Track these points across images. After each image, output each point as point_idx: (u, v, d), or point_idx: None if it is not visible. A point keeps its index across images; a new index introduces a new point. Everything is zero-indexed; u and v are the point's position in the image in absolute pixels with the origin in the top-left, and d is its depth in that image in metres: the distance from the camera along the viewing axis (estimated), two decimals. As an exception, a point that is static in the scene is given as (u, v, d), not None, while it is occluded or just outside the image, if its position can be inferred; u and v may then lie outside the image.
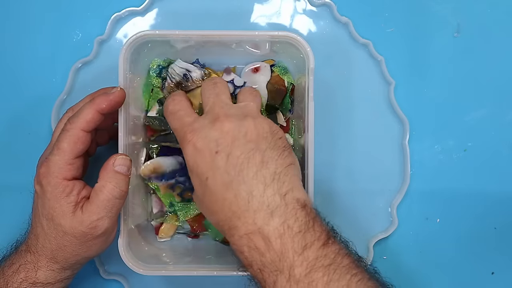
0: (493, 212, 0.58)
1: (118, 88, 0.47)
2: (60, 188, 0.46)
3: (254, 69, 0.54)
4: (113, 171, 0.46)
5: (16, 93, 0.57)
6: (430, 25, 0.58)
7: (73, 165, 0.46)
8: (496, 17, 0.58)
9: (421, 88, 0.58)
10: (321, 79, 0.54)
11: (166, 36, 0.50)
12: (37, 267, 0.47)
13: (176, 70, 0.53)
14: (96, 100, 0.46)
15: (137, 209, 0.53)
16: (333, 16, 0.58)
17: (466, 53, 0.58)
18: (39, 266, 0.47)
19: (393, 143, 0.58)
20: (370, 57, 0.58)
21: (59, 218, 0.46)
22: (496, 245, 0.58)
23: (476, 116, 0.58)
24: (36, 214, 0.48)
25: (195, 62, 0.55)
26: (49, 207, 0.46)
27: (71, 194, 0.46)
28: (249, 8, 0.58)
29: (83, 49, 0.57)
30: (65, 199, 0.46)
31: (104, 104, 0.46)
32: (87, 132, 0.46)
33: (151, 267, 0.50)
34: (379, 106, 0.58)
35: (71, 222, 0.46)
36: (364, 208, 0.57)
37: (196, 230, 0.55)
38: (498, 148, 0.58)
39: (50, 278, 0.48)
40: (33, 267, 0.47)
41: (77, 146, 0.46)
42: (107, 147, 0.55)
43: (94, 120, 0.46)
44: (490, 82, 0.58)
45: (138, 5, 0.57)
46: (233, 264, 0.51)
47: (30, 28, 0.57)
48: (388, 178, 0.58)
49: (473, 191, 0.54)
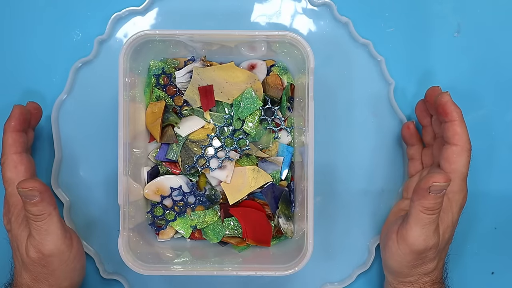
0: (493, 212, 0.58)
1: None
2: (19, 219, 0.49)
3: (250, 66, 0.55)
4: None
5: (16, 93, 0.57)
6: (430, 25, 0.58)
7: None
8: (496, 17, 0.58)
9: (421, 88, 0.58)
10: (321, 79, 0.55)
11: (166, 36, 0.50)
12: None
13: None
14: (6, 123, 0.50)
15: (137, 210, 0.53)
16: (333, 16, 0.58)
17: (466, 53, 0.58)
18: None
19: (393, 143, 0.58)
20: (370, 57, 0.57)
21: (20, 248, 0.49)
22: (496, 245, 0.58)
23: (476, 116, 0.58)
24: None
25: (190, 59, 0.55)
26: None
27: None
28: (249, 8, 0.58)
29: (83, 49, 0.57)
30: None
31: (13, 121, 0.50)
32: (20, 153, 0.50)
33: (151, 267, 0.50)
34: (379, 106, 0.58)
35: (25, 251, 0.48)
36: (364, 208, 0.57)
37: (195, 238, 0.56)
38: (498, 148, 0.58)
39: None
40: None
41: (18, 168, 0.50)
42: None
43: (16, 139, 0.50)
44: (490, 82, 0.58)
45: (138, 5, 0.57)
46: (233, 264, 0.51)
47: (30, 27, 0.57)
48: (388, 178, 0.58)
49: (473, 191, 0.54)
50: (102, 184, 0.56)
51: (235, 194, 0.54)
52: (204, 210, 0.55)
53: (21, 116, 0.51)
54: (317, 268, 0.57)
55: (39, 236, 0.47)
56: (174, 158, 0.54)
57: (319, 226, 0.54)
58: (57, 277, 0.48)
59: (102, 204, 0.57)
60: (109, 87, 0.56)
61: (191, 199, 0.55)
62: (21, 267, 0.49)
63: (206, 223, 0.54)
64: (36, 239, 0.47)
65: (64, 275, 0.49)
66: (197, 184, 0.55)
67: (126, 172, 0.50)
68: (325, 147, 0.57)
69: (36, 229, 0.47)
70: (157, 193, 0.54)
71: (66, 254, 0.48)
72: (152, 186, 0.54)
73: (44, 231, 0.47)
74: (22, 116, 0.51)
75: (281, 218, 0.54)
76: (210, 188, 0.56)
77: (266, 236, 0.54)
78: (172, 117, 0.54)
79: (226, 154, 0.54)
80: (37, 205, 0.46)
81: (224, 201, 0.55)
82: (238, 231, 0.54)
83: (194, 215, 0.54)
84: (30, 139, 0.53)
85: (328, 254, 0.57)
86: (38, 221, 0.47)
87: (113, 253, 0.52)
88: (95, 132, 0.57)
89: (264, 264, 0.51)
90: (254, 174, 0.54)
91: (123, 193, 0.49)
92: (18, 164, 0.50)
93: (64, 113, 0.57)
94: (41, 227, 0.47)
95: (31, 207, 0.46)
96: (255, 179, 0.54)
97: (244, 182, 0.54)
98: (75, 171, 0.57)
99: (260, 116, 0.54)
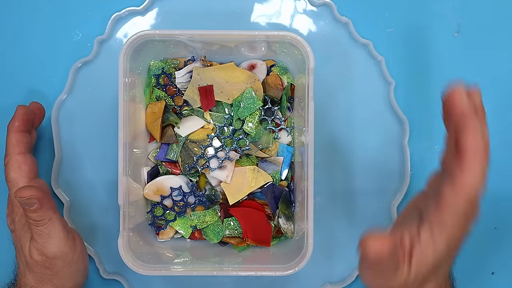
0: (493, 212, 0.58)
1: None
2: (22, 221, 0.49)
3: (250, 66, 0.55)
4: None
5: (16, 93, 0.57)
6: (430, 25, 0.58)
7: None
8: (496, 17, 0.58)
9: (421, 88, 0.58)
10: (321, 79, 0.54)
11: (166, 36, 0.50)
12: None
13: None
14: (10, 123, 0.50)
15: (137, 210, 0.53)
16: (333, 16, 0.57)
17: (466, 53, 0.58)
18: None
19: (393, 143, 0.58)
20: (370, 57, 0.57)
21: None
22: (496, 245, 0.58)
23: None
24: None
25: (190, 59, 0.55)
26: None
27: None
28: (249, 8, 0.58)
29: (83, 49, 0.57)
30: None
31: (17, 122, 0.50)
32: (23, 153, 0.50)
33: (151, 267, 0.50)
34: (379, 106, 0.58)
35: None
36: (364, 208, 0.57)
37: (195, 238, 0.56)
38: (498, 148, 0.58)
39: None
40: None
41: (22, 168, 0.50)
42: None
43: (20, 139, 0.50)
44: (490, 82, 0.58)
45: (138, 5, 0.57)
46: (233, 264, 0.51)
47: (30, 28, 0.57)
48: (388, 178, 0.58)
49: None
50: (102, 184, 0.56)
51: (235, 194, 0.54)
52: (204, 210, 0.55)
53: (24, 117, 0.51)
54: (317, 268, 0.57)
55: (41, 240, 0.47)
56: (174, 158, 0.54)
57: (319, 226, 0.54)
58: (61, 278, 0.48)
59: (102, 204, 0.57)
60: (109, 87, 0.56)
61: (191, 199, 0.55)
62: (25, 268, 0.49)
63: (206, 223, 0.54)
64: (39, 243, 0.47)
65: (68, 276, 0.49)
66: (197, 184, 0.55)
67: (126, 172, 0.50)
68: (325, 147, 0.57)
69: (38, 233, 0.47)
70: (157, 193, 0.54)
71: (69, 256, 0.48)
72: (152, 186, 0.54)
73: (46, 235, 0.47)
74: (25, 117, 0.51)
75: (281, 218, 0.54)
76: (210, 188, 0.56)
77: (266, 236, 0.54)
78: (172, 117, 0.54)
79: (226, 154, 0.54)
80: (37, 211, 0.46)
81: (224, 201, 0.55)
82: (238, 231, 0.54)
83: (194, 215, 0.54)
84: (33, 139, 0.53)
85: (328, 254, 0.57)
86: (39, 226, 0.47)
87: (113, 253, 0.52)
88: (95, 132, 0.57)
89: (264, 264, 0.51)
90: (254, 174, 0.54)
91: (123, 193, 0.50)
92: (22, 165, 0.50)
93: (64, 113, 0.57)
94: (42, 231, 0.47)
95: (31, 214, 0.46)
96: (255, 179, 0.54)
97: (244, 182, 0.54)
98: (75, 171, 0.57)
99: (260, 116, 0.54)
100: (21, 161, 0.50)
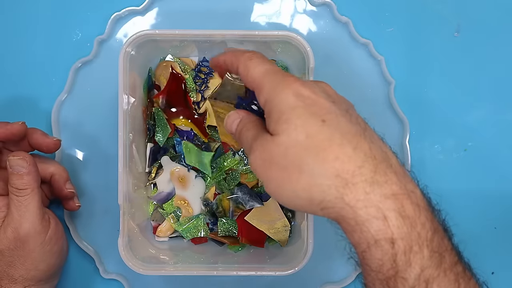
0: (493, 212, 0.58)
1: (20, 122, 0.50)
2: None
3: None
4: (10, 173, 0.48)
5: (16, 93, 0.57)
6: (430, 25, 0.58)
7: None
8: (496, 17, 0.58)
9: (421, 88, 0.58)
10: (321, 78, 0.54)
11: (166, 36, 0.50)
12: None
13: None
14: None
15: (137, 209, 0.53)
16: (333, 16, 0.57)
17: (466, 53, 0.58)
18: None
19: (393, 143, 0.57)
20: (370, 57, 0.57)
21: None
22: (496, 245, 0.58)
23: (476, 116, 0.58)
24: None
25: (204, 61, 0.55)
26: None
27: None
28: (249, 8, 0.58)
29: (83, 49, 0.57)
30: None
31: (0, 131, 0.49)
32: None
33: (151, 267, 0.50)
34: (379, 106, 0.58)
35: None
36: (364, 208, 0.57)
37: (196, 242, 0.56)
38: (499, 147, 0.58)
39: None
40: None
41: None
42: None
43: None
44: (490, 82, 0.58)
45: (138, 5, 0.57)
46: (233, 264, 0.51)
47: (29, 27, 0.57)
48: (388, 178, 0.57)
49: (473, 190, 0.54)
50: (102, 184, 0.56)
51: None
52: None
53: (12, 136, 0.50)
54: (317, 268, 0.57)
55: (18, 212, 0.47)
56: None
57: (319, 226, 0.54)
58: (33, 259, 0.48)
59: (102, 204, 0.57)
60: (109, 87, 0.56)
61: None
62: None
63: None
64: (15, 216, 0.47)
65: (41, 257, 0.49)
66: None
67: (126, 172, 0.50)
68: (325, 147, 0.57)
69: (17, 204, 0.47)
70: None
71: (42, 235, 0.48)
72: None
73: (24, 207, 0.47)
74: (11, 136, 0.50)
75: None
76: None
77: (260, 237, 0.54)
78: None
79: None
80: (23, 177, 0.47)
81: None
82: (231, 231, 0.54)
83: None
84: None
85: (328, 254, 0.57)
86: (20, 195, 0.47)
87: (113, 253, 0.51)
88: (95, 132, 0.57)
89: (264, 264, 0.51)
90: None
91: (123, 193, 0.49)
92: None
93: (64, 113, 0.57)
94: (22, 202, 0.47)
95: (17, 180, 0.47)
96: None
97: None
98: (75, 171, 0.57)
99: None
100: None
